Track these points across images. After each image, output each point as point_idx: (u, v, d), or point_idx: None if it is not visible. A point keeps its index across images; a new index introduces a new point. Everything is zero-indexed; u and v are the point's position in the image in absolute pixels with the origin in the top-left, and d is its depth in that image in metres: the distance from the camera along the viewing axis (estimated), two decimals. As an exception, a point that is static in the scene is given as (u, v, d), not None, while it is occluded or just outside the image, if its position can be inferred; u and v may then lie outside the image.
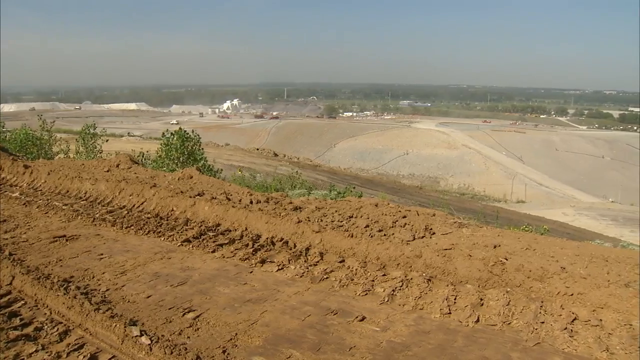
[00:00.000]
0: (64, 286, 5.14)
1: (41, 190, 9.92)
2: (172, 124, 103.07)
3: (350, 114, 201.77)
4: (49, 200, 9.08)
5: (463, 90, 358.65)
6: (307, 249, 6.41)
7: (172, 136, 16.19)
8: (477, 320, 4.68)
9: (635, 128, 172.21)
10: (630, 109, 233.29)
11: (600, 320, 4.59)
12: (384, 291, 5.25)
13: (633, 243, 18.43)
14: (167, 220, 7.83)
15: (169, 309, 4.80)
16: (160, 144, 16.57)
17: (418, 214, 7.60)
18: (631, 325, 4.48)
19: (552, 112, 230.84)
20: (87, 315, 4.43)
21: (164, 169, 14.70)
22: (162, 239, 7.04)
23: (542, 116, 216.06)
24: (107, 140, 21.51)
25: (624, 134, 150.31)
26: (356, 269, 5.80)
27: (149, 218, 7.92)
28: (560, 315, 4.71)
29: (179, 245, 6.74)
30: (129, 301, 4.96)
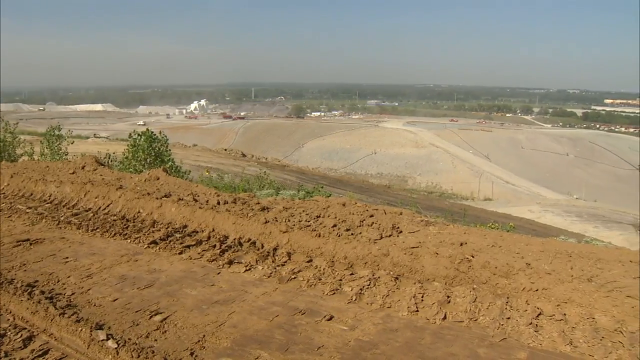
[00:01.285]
0: (28, 291, 5.05)
1: (4, 193, 9.75)
2: (139, 125, 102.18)
3: (318, 113, 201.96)
4: (12, 204, 8.93)
5: (430, 89, 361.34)
6: (275, 249, 6.40)
7: (139, 137, 16.02)
8: (444, 317, 4.72)
9: (598, 126, 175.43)
10: (593, 107, 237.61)
11: (564, 314, 4.68)
12: (351, 290, 5.27)
13: (596, 238, 18.78)
14: (134, 222, 7.76)
15: (136, 311, 4.76)
16: (127, 145, 16.40)
17: (385, 213, 7.64)
18: (594, 318, 4.57)
19: (518, 111, 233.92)
20: (52, 320, 4.38)
21: (131, 170, 14.56)
22: (129, 241, 6.97)
23: (508, 115, 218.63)
24: (72, 142, 21.19)
25: (587, 132, 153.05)
26: (324, 269, 5.82)
27: (115, 220, 7.83)
28: (526, 310, 4.78)
29: (145, 248, 6.69)
30: (95, 305, 4.90)
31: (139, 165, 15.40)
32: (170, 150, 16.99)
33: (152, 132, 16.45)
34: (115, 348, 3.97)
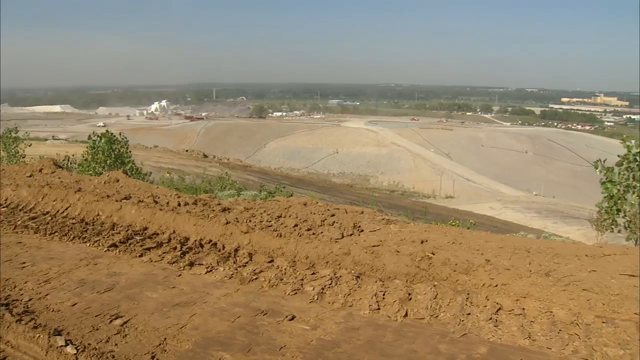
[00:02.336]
0: (-17, 298, 4.96)
1: (-42, 198, 9.54)
2: (98, 126, 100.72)
3: (280, 113, 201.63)
4: (-33, 209, 8.74)
5: (391, 88, 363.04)
6: (236, 250, 6.38)
7: (99, 139, 15.81)
8: (406, 315, 4.76)
9: (555, 124, 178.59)
10: (551, 105, 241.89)
11: (523, 309, 4.75)
12: (313, 290, 5.28)
13: (555, 234, 19.10)
14: (93, 225, 7.65)
15: (96, 316, 4.69)
16: (87, 147, 16.17)
17: (346, 212, 7.68)
18: (551, 312, 4.65)
19: (478, 110, 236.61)
20: (8, 327, 4.29)
21: (91, 172, 14.36)
22: (88, 244, 6.87)
23: (468, 113, 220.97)
24: (30, 145, 20.85)
25: (545, 130, 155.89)
26: (285, 269, 5.82)
27: (74, 224, 7.71)
28: (486, 306, 4.85)
29: (105, 251, 6.60)
30: (53, 310, 4.82)
31: (98, 168, 15.20)
32: (130, 151, 16.81)
33: (112, 134, 16.25)
34: (75, 354, 3.92)
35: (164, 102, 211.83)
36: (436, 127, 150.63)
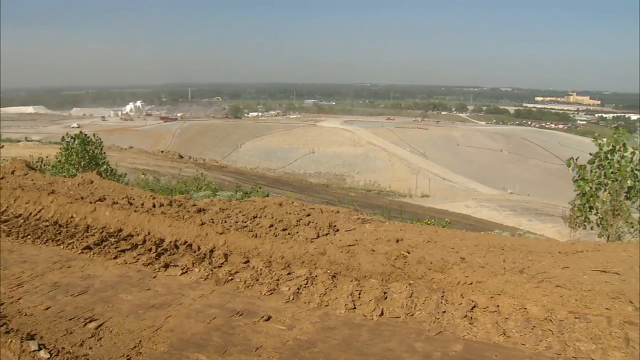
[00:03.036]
0: (-46, 302, 4.89)
1: None
2: (72, 127, 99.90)
3: (256, 113, 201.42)
4: (-63, 212, 8.61)
5: (366, 88, 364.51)
6: (211, 251, 6.36)
7: (73, 140, 15.66)
8: (381, 314, 4.78)
9: (529, 123, 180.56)
10: (525, 104, 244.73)
11: (498, 306, 4.80)
12: (289, 290, 5.28)
13: (530, 231, 19.32)
14: (67, 227, 7.57)
15: (70, 319, 4.64)
16: (60, 149, 16.00)
17: (322, 212, 7.69)
18: (525, 309, 4.70)
19: (453, 109, 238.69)
20: (-21, 332, 4.24)
21: (64, 174, 14.20)
22: (62, 247, 6.79)
23: (443, 113, 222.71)
24: (2, 146, 20.63)
25: (519, 129, 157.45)
26: (261, 269, 5.81)
27: (47, 226, 7.62)
28: (461, 303, 4.88)
29: (79, 253, 6.53)
30: (26, 314, 4.76)
31: (72, 169, 15.05)
32: (105, 153, 16.68)
33: (86, 135, 16.12)
34: (48, 358, 3.88)
35: (139, 103, 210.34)
36: (412, 127, 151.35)
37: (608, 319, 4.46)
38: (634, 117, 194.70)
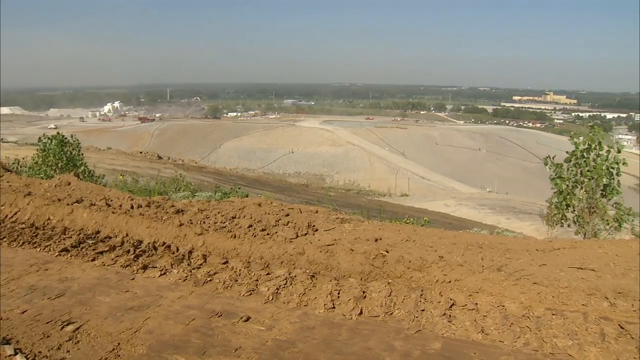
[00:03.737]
0: None
1: None
2: (49, 128, 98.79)
3: (235, 114, 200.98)
4: None
5: (346, 88, 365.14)
6: (190, 252, 6.32)
7: (50, 141, 15.52)
8: (361, 313, 4.79)
9: (507, 122, 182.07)
10: (503, 104, 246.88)
11: (476, 304, 4.84)
12: (268, 290, 5.27)
13: (508, 229, 19.47)
14: (44, 229, 7.49)
15: (47, 323, 4.59)
16: (37, 150, 15.85)
17: (301, 212, 7.69)
18: (504, 306, 4.75)
19: (432, 108, 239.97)
20: (-47, 338, 4.19)
21: (42, 176, 14.07)
22: (38, 249, 6.71)
23: (422, 112, 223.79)
24: (-23, 148, 20.37)
25: (497, 127, 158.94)
26: (240, 270, 5.79)
27: (23, 229, 7.53)
28: (439, 302, 4.91)
29: (56, 256, 6.46)
30: (2, 318, 4.68)
31: (50, 171, 14.91)
32: (82, 154, 16.55)
33: (64, 136, 15.98)
34: (25, 362, 3.85)
35: (116, 103, 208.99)
36: (391, 126, 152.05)
37: (584, 315, 4.53)
38: (609, 115, 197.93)
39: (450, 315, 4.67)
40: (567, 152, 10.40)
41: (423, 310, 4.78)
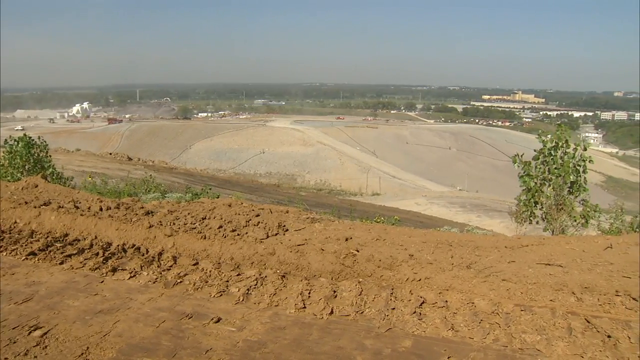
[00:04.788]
0: None
1: None
2: (16, 129, 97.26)
3: (205, 114, 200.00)
4: None
5: (316, 88, 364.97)
6: (160, 254, 6.28)
7: (16, 143, 15.28)
8: (331, 312, 4.81)
9: (477, 121, 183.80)
10: (472, 103, 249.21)
11: (446, 301, 4.90)
12: (238, 291, 5.26)
13: (479, 227, 19.62)
14: (10, 233, 7.37)
15: (13, 328, 4.51)
16: (3, 152, 15.60)
17: (271, 212, 7.70)
18: (473, 303, 4.81)
19: (402, 108, 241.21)
20: None
21: (8, 178, 13.85)
22: (5, 254, 6.59)
23: (392, 111, 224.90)
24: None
25: (467, 126, 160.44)
26: (210, 271, 5.77)
27: (-12, 232, 7.43)
28: (410, 300, 4.95)
29: (23, 260, 6.36)
30: (-33, 324, 4.63)
31: (16, 173, 14.68)
32: (50, 156, 16.32)
33: (30, 137, 15.74)
34: (-10, 368, 3.79)
35: (85, 104, 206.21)
36: (361, 126, 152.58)
37: (552, 310, 4.60)
38: (576, 114, 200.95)
39: (420, 313, 4.71)
40: (535, 150, 10.52)
41: (393, 308, 4.82)
